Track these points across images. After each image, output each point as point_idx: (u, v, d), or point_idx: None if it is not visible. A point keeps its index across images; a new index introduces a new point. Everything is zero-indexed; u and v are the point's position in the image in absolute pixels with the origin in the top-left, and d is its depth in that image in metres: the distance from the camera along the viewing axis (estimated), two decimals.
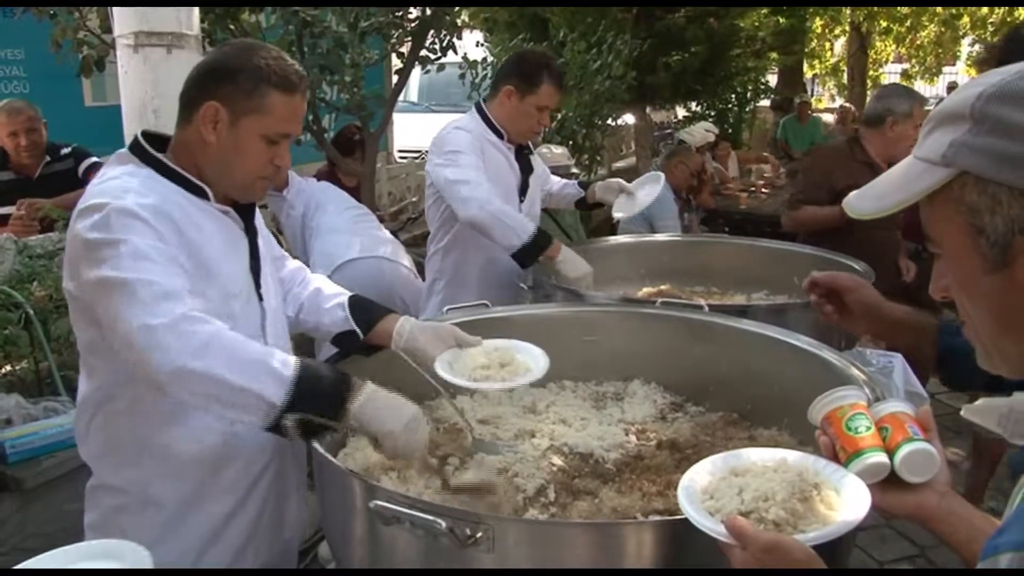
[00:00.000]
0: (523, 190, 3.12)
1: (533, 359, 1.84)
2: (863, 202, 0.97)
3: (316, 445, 1.47)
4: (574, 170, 5.08)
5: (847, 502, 1.13)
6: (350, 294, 1.99)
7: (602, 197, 3.25)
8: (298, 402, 1.44)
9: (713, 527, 1.08)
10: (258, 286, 1.78)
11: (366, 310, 1.95)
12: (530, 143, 3.30)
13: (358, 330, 1.91)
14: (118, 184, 1.59)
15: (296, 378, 1.45)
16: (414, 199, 6.82)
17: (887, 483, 1.15)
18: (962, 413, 0.97)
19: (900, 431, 1.18)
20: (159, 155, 1.68)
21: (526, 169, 3.14)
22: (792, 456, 1.24)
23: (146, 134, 1.73)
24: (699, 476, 1.21)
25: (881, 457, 1.15)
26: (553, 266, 2.75)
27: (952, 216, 0.87)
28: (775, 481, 1.16)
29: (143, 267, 1.47)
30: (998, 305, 0.87)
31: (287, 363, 1.48)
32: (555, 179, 3.48)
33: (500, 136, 3.04)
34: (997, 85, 0.84)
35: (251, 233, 1.79)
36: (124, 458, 1.70)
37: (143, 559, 1.32)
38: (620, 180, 3.31)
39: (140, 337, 1.42)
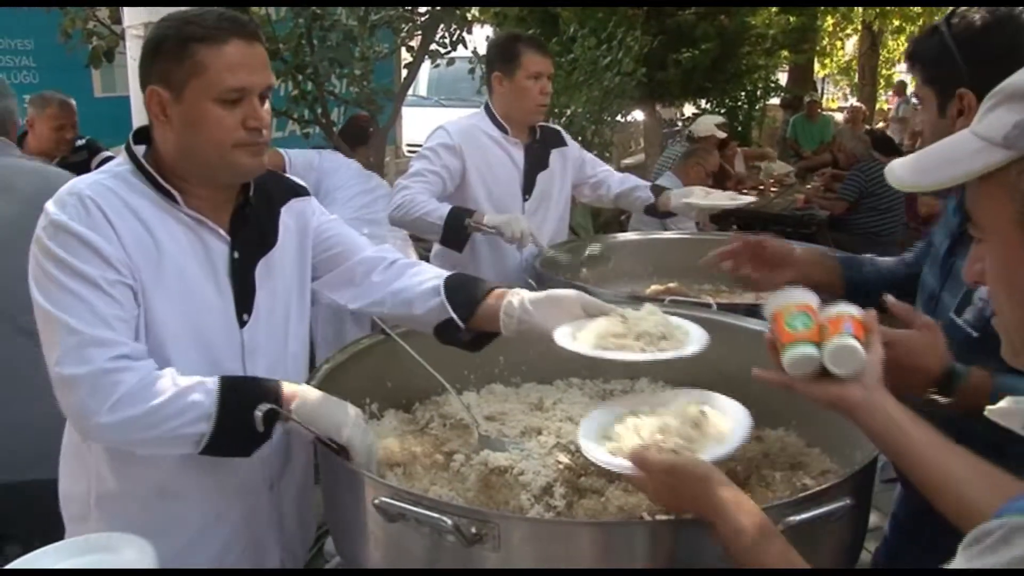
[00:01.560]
0: (528, 188, 3.05)
1: (686, 331, 1.57)
2: (906, 172, 0.90)
3: (322, 439, 1.46)
4: None
5: (733, 423, 1.32)
6: (448, 274, 1.75)
7: (677, 207, 3.09)
8: (227, 423, 1.41)
9: (618, 463, 1.20)
10: (245, 309, 1.60)
11: (465, 289, 1.70)
12: (564, 136, 3.22)
13: (456, 318, 1.67)
14: (78, 186, 1.49)
15: (220, 403, 1.41)
16: None
17: (820, 375, 1.23)
18: (985, 413, 0.95)
19: (835, 329, 1.25)
20: (139, 153, 1.55)
21: (536, 165, 3.06)
22: (678, 392, 1.43)
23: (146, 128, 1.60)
24: (593, 423, 1.36)
25: (809, 349, 1.24)
26: (493, 232, 2.78)
27: (1004, 202, 0.80)
28: (667, 415, 1.29)
29: (74, 306, 1.39)
30: None
31: (209, 392, 1.41)
32: (612, 174, 3.32)
33: (505, 131, 2.99)
34: None
35: (244, 245, 1.60)
36: (75, 463, 1.63)
37: (144, 551, 1.31)
38: (703, 188, 3.20)
39: (60, 387, 1.39)
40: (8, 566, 1.28)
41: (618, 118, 8.12)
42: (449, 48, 5.19)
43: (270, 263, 1.64)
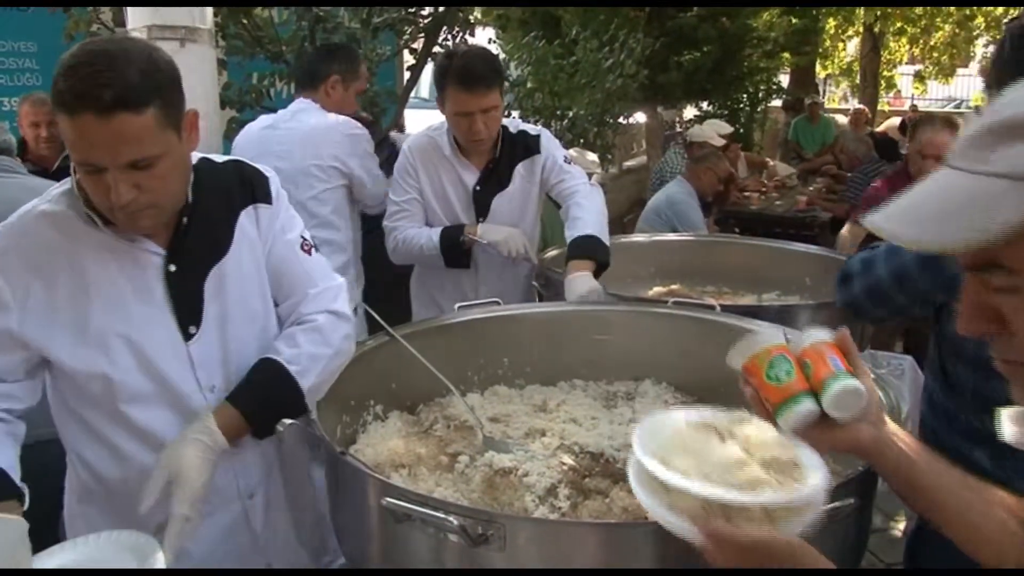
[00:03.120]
0: (482, 211, 2.78)
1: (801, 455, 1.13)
2: (905, 228, 0.74)
3: (328, 440, 1.47)
4: (598, 171, 5.04)
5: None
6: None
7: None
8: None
9: (686, 528, 1.01)
10: (192, 321, 1.54)
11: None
12: (541, 142, 2.86)
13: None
14: (13, 219, 1.48)
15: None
16: None
17: (820, 422, 1.13)
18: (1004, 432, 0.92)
19: (823, 366, 1.14)
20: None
21: (494, 186, 2.79)
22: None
23: None
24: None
25: (808, 404, 1.12)
26: (485, 245, 2.69)
27: None
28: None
29: None
30: None
31: None
32: (564, 191, 2.82)
33: (458, 151, 2.77)
34: None
35: (184, 257, 1.53)
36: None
37: (150, 551, 1.32)
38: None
39: None
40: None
41: (620, 120, 8.13)
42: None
43: (223, 272, 1.57)
